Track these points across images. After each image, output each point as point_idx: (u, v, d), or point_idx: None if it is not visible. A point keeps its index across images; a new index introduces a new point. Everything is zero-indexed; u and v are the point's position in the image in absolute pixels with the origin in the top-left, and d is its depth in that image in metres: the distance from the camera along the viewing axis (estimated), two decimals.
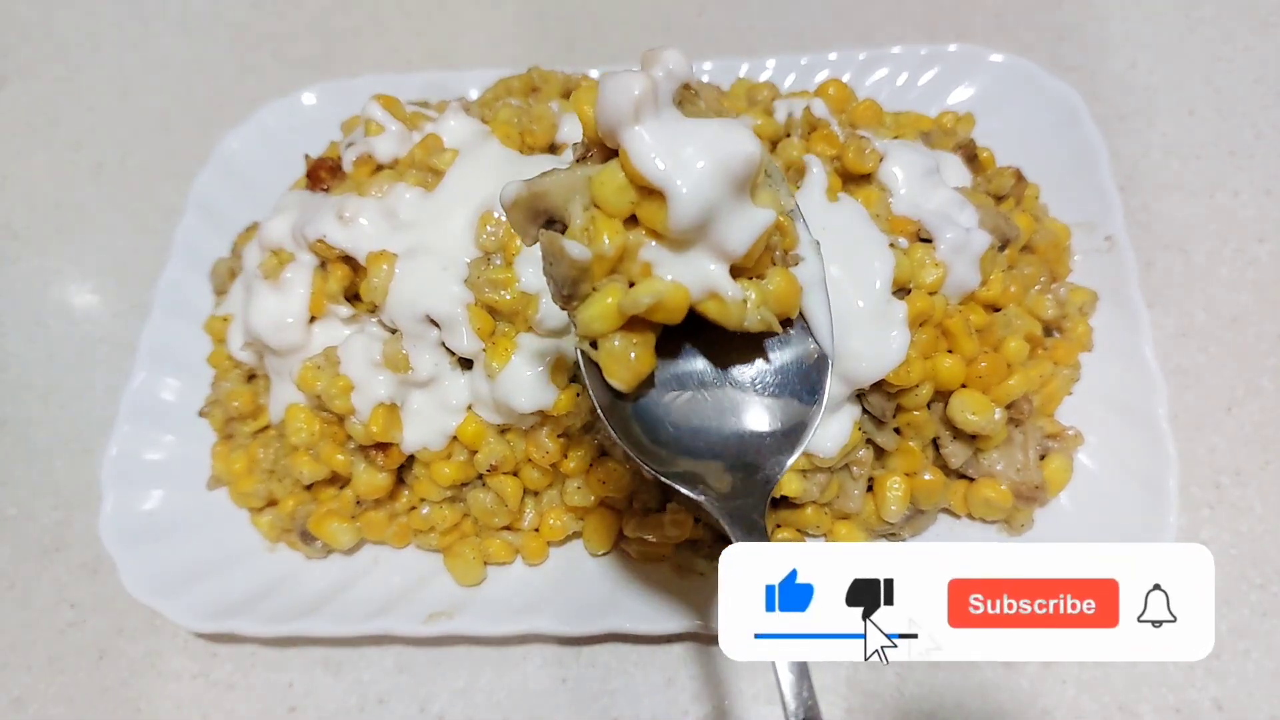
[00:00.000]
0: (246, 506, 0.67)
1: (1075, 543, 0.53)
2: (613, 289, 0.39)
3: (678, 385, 0.44)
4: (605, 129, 0.39)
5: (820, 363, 0.45)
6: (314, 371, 0.61)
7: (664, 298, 0.39)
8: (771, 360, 0.45)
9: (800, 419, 0.44)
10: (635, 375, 0.41)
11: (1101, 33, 0.89)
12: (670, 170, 0.37)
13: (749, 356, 0.45)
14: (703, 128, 0.38)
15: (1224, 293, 0.72)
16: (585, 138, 0.41)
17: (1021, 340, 0.61)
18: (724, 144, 0.37)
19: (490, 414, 0.60)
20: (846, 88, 0.70)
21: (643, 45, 0.98)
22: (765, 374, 0.45)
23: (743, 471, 0.44)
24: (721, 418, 0.44)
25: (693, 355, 0.45)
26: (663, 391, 0.44)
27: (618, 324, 0.40)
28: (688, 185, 0.37)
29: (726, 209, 0.38)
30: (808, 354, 0.45)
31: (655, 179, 0.37)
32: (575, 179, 0.40)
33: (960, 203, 0.61)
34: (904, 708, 0.59)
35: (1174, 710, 0.57)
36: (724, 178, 0.37)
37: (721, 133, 0.38)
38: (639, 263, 0.39)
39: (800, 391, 0.45)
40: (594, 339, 0.41)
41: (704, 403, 0.44)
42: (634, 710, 0.60)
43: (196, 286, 0.76)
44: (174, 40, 1.04)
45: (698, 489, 0.43)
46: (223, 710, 0.63)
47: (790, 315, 0.43)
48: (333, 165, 0.69)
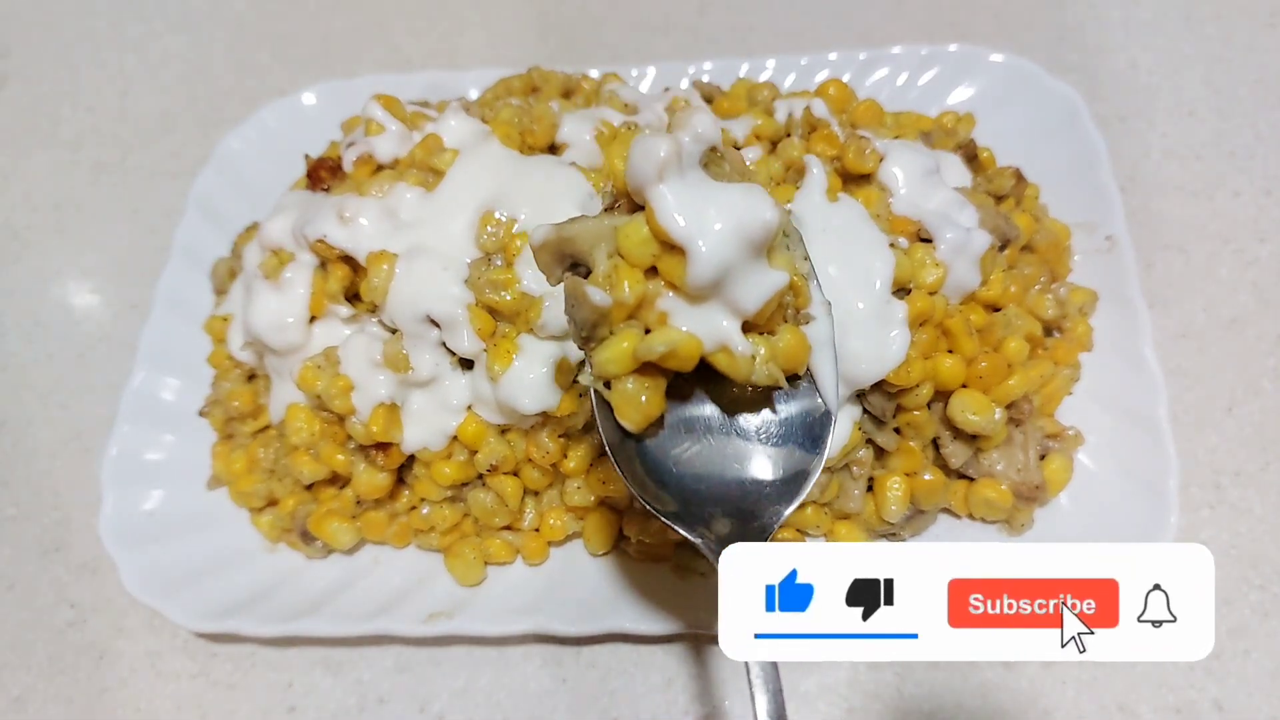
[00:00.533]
0: (246, 506, 0.67)
1: (1075, 543, 0.53)
2: (629, 334, 0.41)
3: (685, 430, 0.46)
4: (634, 185, 0.41)
5: (824, 418, 0.46)
6: (314, 371, 0.61)
7: (677, 347, 0.41)
8: (778, 412, 0.46)
9: (801, 469, 0.46)
10: (645, 418, 0.43)
11: (1101, 33, 0.89)
12: (691, 229, 0.39)
13: (756, 407, 0.46)
14: (725, 192, 0.40)
15: (1224, 293, 0.72)
16: (614, 188, 0.44)
17: (1022, 340, 0.61)
18: (744, 209, 0.39)
19: (491, 414, 0.60)
20: (847, 88, 0.70)
21: (643, 45, 0.99)
22: (770, 425, 0.46)
23: (741, 518, 0.45)
24: (724, 465, 0.46)
25: (702, 402, 0.46)
26: (670, 435, 0.45)
27: (631, 368, 0.42)
28: (707, 245, 0.39)
29: (742, 269, 0.40)
30: (814, 408, 0.46)
31: (677, 236, 0.39)
32: (602, 228, 0.42)
33: (960, 203, 0.61)
34: (904, 708, 0.59)
35: (1174, 710, 0.57)
36: (741, 240, 0.39)
37: (743, 198, 0.40)
38: (656, 311, 0.41)
39: (804, 443, 0.46)
40: (608, 380, 0.42)
41: (709, 449, 0.46)
42: (634, 710, 0.60)
43: (196, 286, 0.76)
44: (174, 40, 1.04)
45: (695, 531, 0.44)
46: (222, 710, 0.63)
47: (798, 371, 0.45)
48: (333, 165, 0.69)
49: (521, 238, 0.58)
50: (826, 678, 0.60)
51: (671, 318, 0.41)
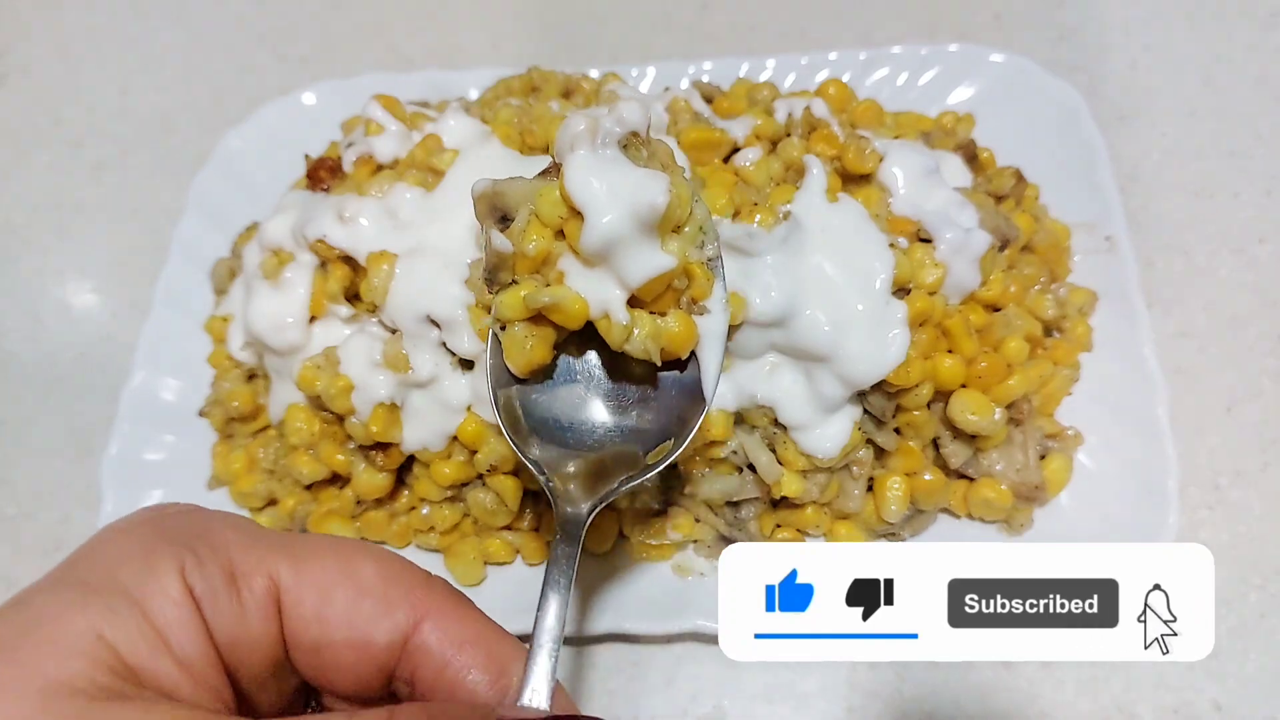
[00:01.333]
0: (246, 506, 0.67)
1: (1075, 543, 0.53)
2: (529, 285, 0.45)
3: (568, 386, 0.49)
4: (556, 153, 0.45)
5: (697, 408, 0.48)
6: (314, 371, 0.61)
7: (562, 303, 0.44)
8: (660, 392, 0.49)
9: (660, 452, 0.48)
10: (527, 363, 0.46)
11: (1101, 33, 0.89)
12: (588, 196, 0.43)
13: (642, 383, 0.49)
14: (630, 172, 0.44)
15: (1224, 293, 0.72)
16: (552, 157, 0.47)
17: (1021, 340, 0.61)
18: (639, 189, 0.43)
19: (491, 414, 0.60)
20: (847, 88, 0.70)
21: (643, 45, 0.99)
22: (649, 401, 0.49)
23: (591, 478, 0.47)
24: (592, 424, 0.48)
25: (594, 367, 0.49)
26: (553, 387, 0.49)
27: (523, 315, 0.45)
28: (599, 213, 0.43)
29: (631, 244, 0.43)
30: (691, 396, 0.48)
31: (577, 201, 0.43)
32: (529, 188, 0.46)
33: (960, 203, 0.61)
34: (903, 708, 0.59)
35: (1172, 711, 0.57)
36: (631, 217, 0.43)
37: (642, 180, 0.43)
38: (555, 270, 0.45)
39: (671, 426, 0.48)
40: (504, 324, 0.46)
41: (582, 407, 0.49)
42: (633, 710, 0.60)
43: (196, 286, 0.76)
44: (174, 39, 1.04)
45: (547, 478, 0.47)
46: None
47: (680, 355, 0.47)
48: (333, 165, 0.69)
49: None
50: (826, 677, 0.60)
51: (567, 277, 0.45)
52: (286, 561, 0.37)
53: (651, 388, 0.49)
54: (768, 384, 0.58)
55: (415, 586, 0.39)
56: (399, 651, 0.38)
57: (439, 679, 0.38)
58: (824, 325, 0.55)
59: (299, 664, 0.37)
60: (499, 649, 0.40)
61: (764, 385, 0.58)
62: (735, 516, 0.62)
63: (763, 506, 0.62)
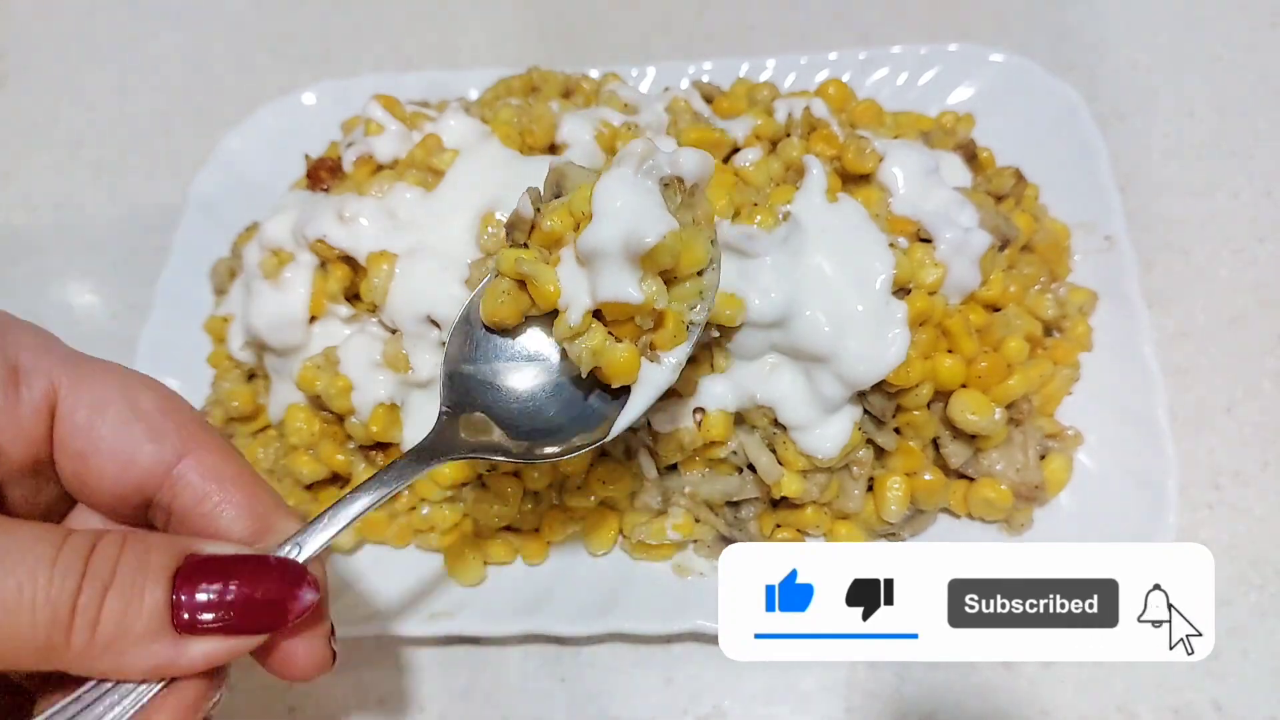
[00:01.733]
0: None
1: (1075, 543, 0.53)
2: (529, 252, 0.48)
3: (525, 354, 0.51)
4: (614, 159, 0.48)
5: (601, 433, 0.50)
6: (314, 371, 0.61)
7: (538, 279, 0.47)
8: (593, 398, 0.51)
9: (565, 443, 0.50)
10: (492, 313, 0.49)
11: (1101, 33, 0.89)
12: (603, 206, 0.45)
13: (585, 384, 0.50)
14: (647, 204, 0.45)
15: (1224, 293, 0.72)
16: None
17: (1021, 340, 0.61)
18: (640, 220, 0.44)
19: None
20: (846, 87, 0.70)
21: (643, 45, 0.99)
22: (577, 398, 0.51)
23: (512, 435, 0.50)
24: (516, 394, 0.51)
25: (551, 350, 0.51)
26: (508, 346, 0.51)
27: (511, 274, 0.48)
28: (600, 222, 0.44)
29: (612, 263, 0.45)
30: (606, 418, 0.50)
31: (594, 204, 0.45)
32: (583, 177, 0.48)
33: (960, 202, 0.61)
34: (903, 708, 0.59)
35: (1172, 711, 0.57)
36: (620, 239, 0.44)
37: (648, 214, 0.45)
38: (557, 254, 0.48)
39: (583, 434, 0.50)
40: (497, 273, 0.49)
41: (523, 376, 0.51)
42: (633, 710, 0.60)
43: (196, 286, 0.76)
44: (174, 40, 1.04)
45: (462, 421, 0.50)
46: (222, 710, 0.63)
47: (611, 381, 0.48)
48: (333, 165, 0.69)
49: None
50: (825, 677, 0.60)
51: (560, 264, 0.47)
52: (71, 373, 0.39)
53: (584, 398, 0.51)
54: (767, 384, 0.58)
55: (189, 423, 0.41)
56: (161, 479, 0.40)
57: (194, 512, 0.40)
58: (824, 325, 0.55)
59: (62, 469, 0.40)
60: (258, 495, 0.42)
61: (764, 385, 0.58)
62: (735, 516, 0.62)
63: (763, 506, 0.62)
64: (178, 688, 0.37)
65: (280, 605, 0.38)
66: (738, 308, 0.54)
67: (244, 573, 0.37)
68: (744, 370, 0.58)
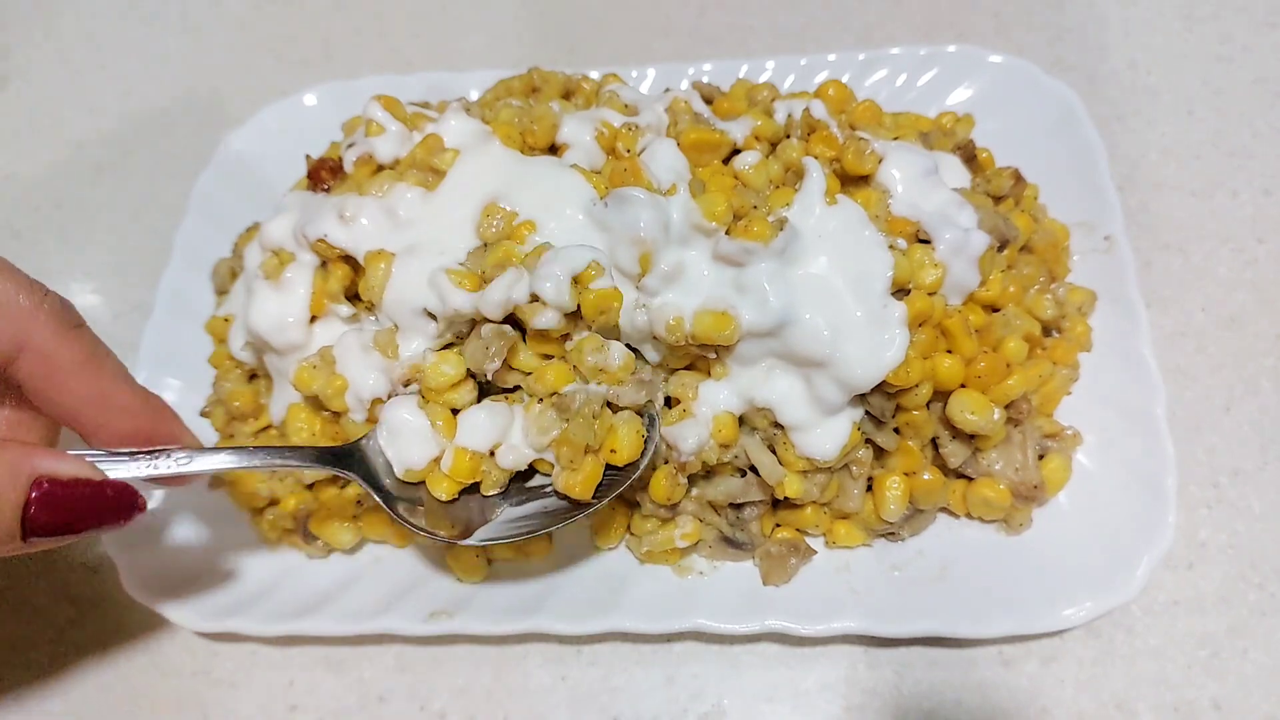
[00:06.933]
0: (248, 506, 0.67)
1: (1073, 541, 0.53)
2: None
3: None
4: None
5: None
6: (310, 372, 0.61)
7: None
8: None
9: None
10: None
11: (1101, 33, 0.89)
12: None
13: None
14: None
15: (1222, 293, 0.72)
16: None
17: (1020, 340, 0.61)
18: None
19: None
20: (846, 88, 0.70)
21: (643, 46, 0.99)
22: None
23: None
24: None
25: None
26: None
27: None
28: None
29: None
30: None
31: None
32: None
33: (959, 203, 0.61)
34: (902, 705, 0.59)
35: (1172, 709, 0.57)
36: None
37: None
38: None
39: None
40: None
41: None
42: (634, 709, 0.60)
43: (197, 286, 0.76)
44: (175, 40, 1.04)
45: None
46: (224, 709, 0.63)
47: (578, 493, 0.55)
48: (333, 165, 0.70)
49: (527, 226, 0.58)
50: (826, 675, 0.60)
51: None
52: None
53: None
54: (766, 386, 0.58)
55: (24, 318, 0.48)
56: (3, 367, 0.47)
57: (41, 398, 0.49)
58: (823, 330, 0.55)
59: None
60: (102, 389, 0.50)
61: (762, 388, 0.58)
62: (737, 517, 0.62)
63: (764, 507, 0.62)
64: None
65: (112, 524, 0.47)
66: (731, 326, 0.55)
67: (84, 503, 0.46)
68: (742, 375, 0.59)
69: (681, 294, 0.57)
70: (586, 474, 0.55)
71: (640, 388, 0.57)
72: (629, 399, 0.57)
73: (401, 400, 0.58)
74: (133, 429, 0.52)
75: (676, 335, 0.56)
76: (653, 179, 0.58)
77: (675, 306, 0.56)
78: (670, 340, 0.56)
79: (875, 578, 0.61)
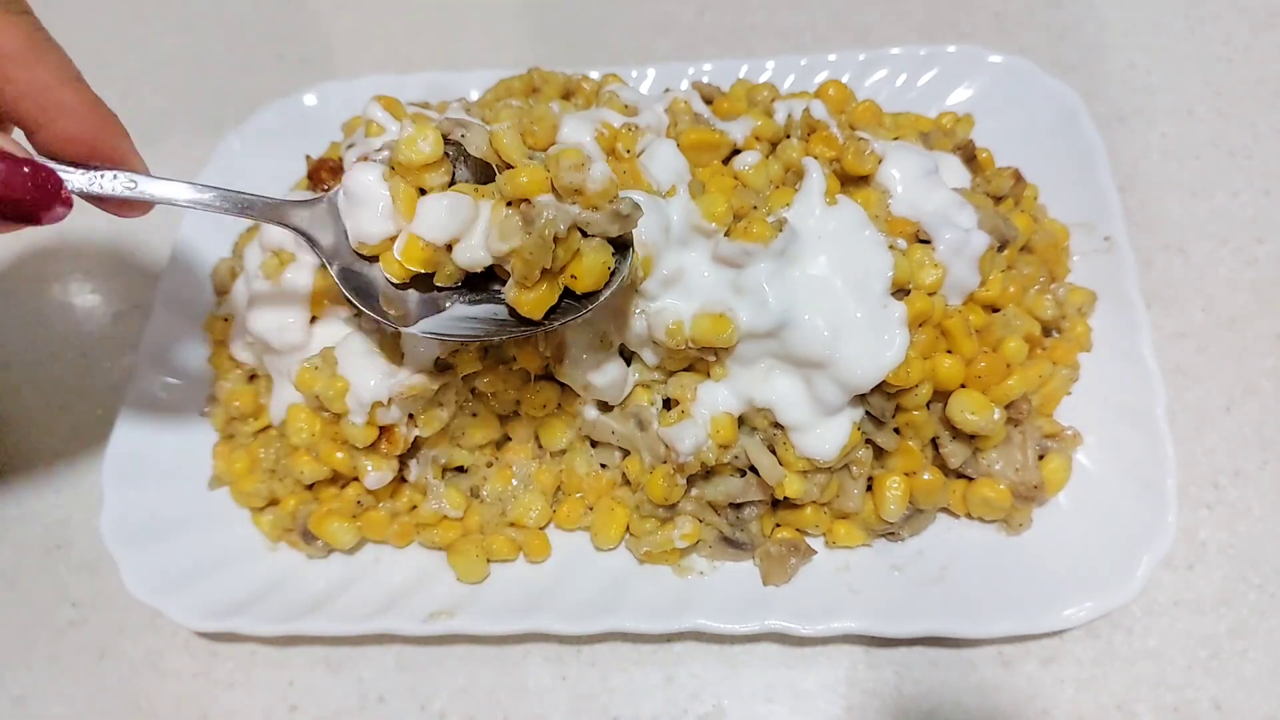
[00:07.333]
0: (247, 506, 0.67)
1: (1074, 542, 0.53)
2: None
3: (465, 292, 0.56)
4: None
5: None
6: (311, 373, 0.61)
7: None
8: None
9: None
10: None
11: (1101, 33, 0.89)
12: None
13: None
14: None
15: (1223, 293, 0.72)
16: None
17: (1020, 340, 0.61)
18: None
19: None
20: (846, 89, 0.70)
21: (643, 46, 0.99)
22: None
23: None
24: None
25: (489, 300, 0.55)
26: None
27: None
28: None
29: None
30: None
31: None
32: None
33: (959, 203, 0.61)
34: (902, 706, 0.59)
35: (1172, 710, 0.57)
36: None
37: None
38: None
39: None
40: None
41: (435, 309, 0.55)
42: (633, 709, 0.60)
43: (197, 286, 0.76)
44: (175, 40, 1.04)
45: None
46: (223, 708, 0.63)
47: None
48: (334, 166, 0.70)
49: None
50: (826, 675, 0.60)
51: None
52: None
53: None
54: (766, 387, 0.58)
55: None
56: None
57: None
58: (823, 330, 0.55)
59: None
60: (48, 82, 0.49)
61: (762, 388, 0.58)
62: (737, 517, 0.62)
63: (764, 507, 0.62)
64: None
65: (31, 210, 0.47)
66: (730, 329, 0.55)
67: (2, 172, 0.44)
68: (742, 375, 0.59)
69: (681, 297, 0.57)
70: (539, 294, 0.52)
71: (615, 220, 0.52)
72: (599, 228, 0.52)
73: (370, 166, 0.55)
74: (76, 132, 0.50)
75: (677, 340, 0.56)
76: (652, 180, 0.58)
77: (674, 311, 0.56)
78: (670, 345, 0.56)
79: (875, 578, 0.61)
